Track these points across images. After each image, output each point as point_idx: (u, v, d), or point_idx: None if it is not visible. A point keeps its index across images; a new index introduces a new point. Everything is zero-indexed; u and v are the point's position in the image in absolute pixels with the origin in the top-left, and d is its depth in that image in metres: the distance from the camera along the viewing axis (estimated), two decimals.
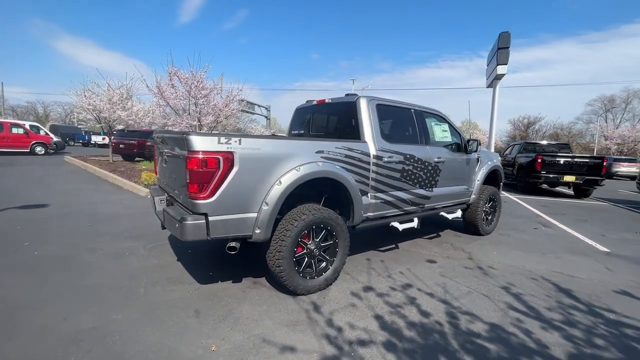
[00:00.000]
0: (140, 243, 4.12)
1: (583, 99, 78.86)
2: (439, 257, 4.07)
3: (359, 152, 3.20)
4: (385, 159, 3.41)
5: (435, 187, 4.08)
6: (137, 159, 16.27)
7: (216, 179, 2.36)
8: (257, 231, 2.58)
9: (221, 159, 2.35)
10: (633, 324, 2.63)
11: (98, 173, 10.79)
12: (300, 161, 2.75)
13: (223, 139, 2.38)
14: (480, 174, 4.85)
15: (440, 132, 4.36)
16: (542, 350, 2.23)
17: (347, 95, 3.74)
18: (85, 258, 3.55)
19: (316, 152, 2.89)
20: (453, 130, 4.53)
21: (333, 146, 3.02)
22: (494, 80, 23.09)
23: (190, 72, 10.56)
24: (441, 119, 4.42)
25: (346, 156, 3.10)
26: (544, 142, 14.27)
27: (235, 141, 2.42)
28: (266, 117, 32.26)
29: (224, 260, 3.72)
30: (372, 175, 3.32)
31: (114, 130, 14.00)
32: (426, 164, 3.88)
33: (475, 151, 4.62)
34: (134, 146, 16.17)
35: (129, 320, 2.40)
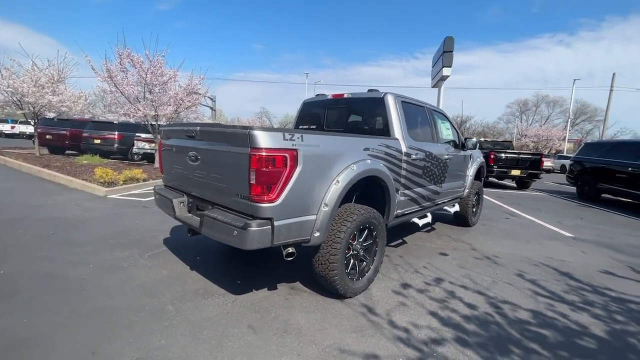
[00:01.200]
0: (133, 251, 3.56)
1: (504, 102, 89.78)
2: (447, 249, 4.27)
3: (394, 149, 3.17)
4: (413, 156, 3.43)
5: (444, 182, 4.25)
6: (67, 151, 14.13)
7: (283, 179, 2.11)
8: (316, 234, 2.39)
9: (288, 157, 2.11)
10: (632, 299, 3.06)
11: (25, 169, 9.10)
12: (353, 159, 2.62)
13: (287, 135, 2.14)
14: (472, 170, 5.19)
15: (445, 130, 4.55)
16: (585, 331, 2.47)
17: (369, 90, 3.67)
18: (73, 274, 2.95)
19: (364, 150, 2.78)
20: (452, 127, 4.76)
21: (376, 143, 2.93)
22: (439, 81, 25.15)
23: (146, 55, 9.41)
24: (444, 117, 4.61)
25: (385, 153, 3.04)
26: (489, 140, 15.76)
27: (298, 137, 2.20)
28: (211, 108, 30.46)
29: (241, 265, 3.41)
30: (402, 172, 3.32)
31: (39, 119, 11.86)
32: (439, 160, 4.02)
33: (472, 149, 4.92)
34: (64, 137, 14.02)
35: (178, 345, 2.05)
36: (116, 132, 13.63)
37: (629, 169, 7.90)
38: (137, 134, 12.84)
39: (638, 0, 73.17)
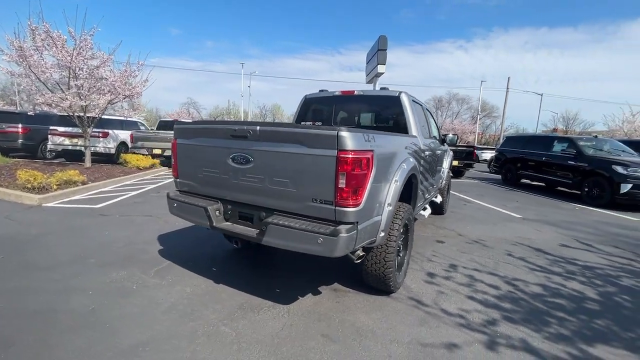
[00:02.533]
0: (132, 270, 3.03)
1: (420, 98, 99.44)
2: (440, 237, 4.66)
3: (417, 146, 3.31)
4: (426, 152, 3.64)
5: (435, 175, 4.61)
6: None
7: (367, 181, 2.05)
8: (381, 234, 2.39)
9: (369, 158, 2.05)
10: (595, 266, 3.80)
11: None
12: (402, 157, 2.66)
13: (366, 136, 2.08)
14: (448, 163, 5.71)
15: (433, 126, 4.90)
16: (584, 295, 3.00)
17: (381, 88, 3.74)
18: (75, 305, 2.39)
19: (405, 148, 2.85)
20: (435, 123, 5.15)
21: (409, 141, 3.03)
22: (374, 77, 26.68)
23: (70, 33, 7.84)
24: (430, 113, 4.96)
25: (414, 151, 3.16)
26: None
27: (372, 138, 2.15)
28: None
29: (262, 271, 3.21)
30: (420, 168, 3.50)
31: None
32: (435, 155, 4.33)
33: (449, 143, 5.40)
34: None
35: None
36: (20, 125, 11.16)
37: (543, 158, 9.62)
38: (51, 128, 10.69)
39: (516, 16, 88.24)
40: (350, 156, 1.93)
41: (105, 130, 10.95)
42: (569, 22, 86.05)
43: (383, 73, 26.97)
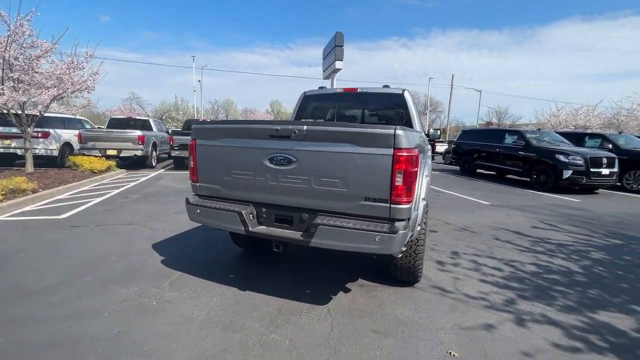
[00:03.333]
0: (141, 285, 2.76)
1: None
2: (430, 226, 4.93)
3: (424, 141, 3.47)
4: (427, 147, 3.82)
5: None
6: None
7: (417, 178, 2.10)
8: (417, 228, 2.48)
9: (418, 155, 2.11)
10: (566, 243, 4.35)
11: None
12: (425, 152, 2.77)
13: (415, 133, 2.13)
14: (430, 156, 6.04)
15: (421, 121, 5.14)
16: (570, 270, 3.43)
17: (384, 86, 3.82)
18: (96, 330, 2.12)
19: (424, 143, 2.96)
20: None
21: (419, 136, 3.15)
22: (331, 73, 26.98)
23: (2, 18, 6.70)
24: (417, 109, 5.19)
25: (425, 145, 3.31)
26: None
27: (413, 136, 2.21)
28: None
29: (279, 272, 3.15)
30: (429, 161, 3.67)
31: None
32: (428, 148, 4.56)
33: (433, 137, 5.71)
34: None
35: None
36: None
37: (496, 149, 10.64)
38: None
39: (451, 18, 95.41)
40: (405, 154, 1.97)
41: (46, 130, 9.61)
42: (495, 26, 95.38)
43: (341, 69, 27.44)
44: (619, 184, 9.17)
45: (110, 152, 9.99)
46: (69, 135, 10.58)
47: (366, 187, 2.07)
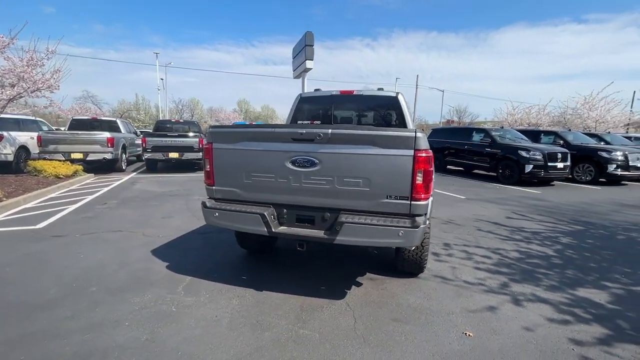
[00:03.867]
0: (154, 292, 2.72)
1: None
2: None
3: None
4: None
5: None
6: None
7: (433, 176, 2.29)
8: (427, 222, 2.67)
9: (432, 155, 2.30)
10: (539, 231, 4.83)
11: None
12: None
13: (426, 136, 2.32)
14: None
15: None
16: (546, 254, 3.84)
17: (378, 89, 4.01)
18: (118, 341, 2.08)
19: None
20: None
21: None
22: (302, 72, 27.07)
23: None
24: None
25: None
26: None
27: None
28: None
29: (288, 270, 3.23)
30: None
31: None
32: None
33: None
34: None
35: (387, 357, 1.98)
36: None
37: (465, 146, 11.36)
38: None
39: (411, 20, 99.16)
40: (424, 155, 2.15)
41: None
42: (452, 29, 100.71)
43: (311, 69, 27.56)
44: (570, 176, 10.20)
45: (75, 156, 9.32)
46: (25, 138, 9.72)
47: (388, 185, 2.22)
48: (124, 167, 10.69)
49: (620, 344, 2.18)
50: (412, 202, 2.22)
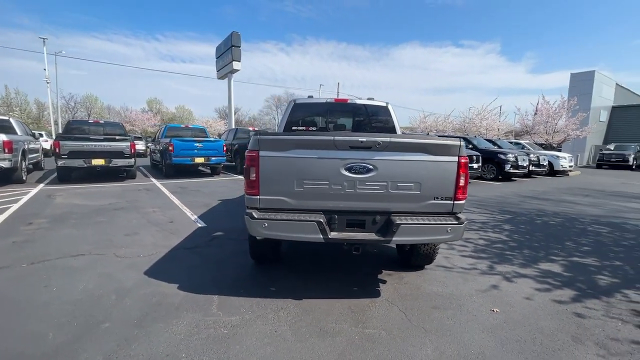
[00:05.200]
0: (187, 316, 2.44)
1: (263, 96, 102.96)
2: None
3: None
4: None
5: None
6: None
7: None
8: None
9: None
10: (485, 221, 5.81)
11: None
12: None
13: None
14: None
15: None
16: (500, 239, 4.70)
17: (368, 99, 4.30)
18: None
19: None
20: None
21: None
22: (228, 73, 25.99)
23: None
24: None
25: None
26: (249, 129, 15.01)
27: None
28: None
29: (310, 276, 3.28)
30: None
31: None
32: None
33: None
34: None
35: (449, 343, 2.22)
36: None
37: None
38: None
39: (323, 30, 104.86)
40: (464, 160, 2.50)
41: None
42: (358, 42, 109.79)
43: (239, 70, 26.72)
44: (479, 174, 12.40)
45: None
46: None
47: (436, 188, 2.50)
48: (24, 178, 8.65)
49: (589, 300, 2.90)
50: (455, 202, 2.55)
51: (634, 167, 20.64)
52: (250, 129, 15.20)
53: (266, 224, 2.43)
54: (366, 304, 2.72)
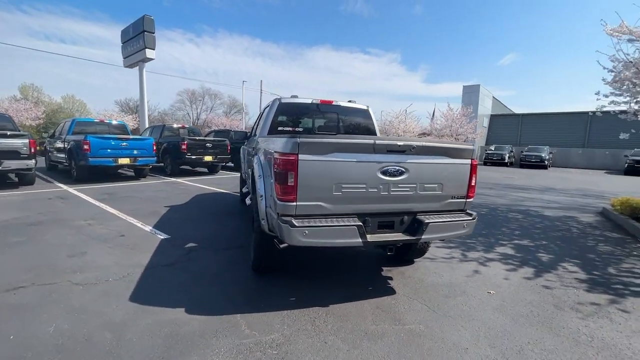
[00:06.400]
0: (226, 344, 2.16)
1: (171, 89, 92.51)
2: None
3: None
4: None
5: None
6: None
7: None
8: None
9: None
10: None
11: None
12: None
13: None
14: None
15: None
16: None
17: (349, 101, 4.39)
18: None
19: None
20: None
21: None
22: (139, 62, 22.95)
23: None
24: None
25: None
26: (177, 126, 13.68)
27: None
28: None
29: (318, 281, 3.26)
30: None
31: None
32: None
33: None
34: None
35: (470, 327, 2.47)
36: None
37: None
38: None
39: (236, 23, 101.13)
40: (475, 163, 2.81)
41: None
42: (273, 40, 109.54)
43: (153, 59, 23.98)
44: None
45: None
46: None
47: (454, 188, 2.74)
48: None
49: (545, 274, 3.58)
50: (467, 200, 2.85)
51: (508, 164, 25.89)
52: (179, 126, 13.72)
53: (307, 232, 2.30)
54: (390, 302, 2.82)
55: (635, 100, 5.25)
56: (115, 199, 6.80)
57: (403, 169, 2.56)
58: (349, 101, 4.58)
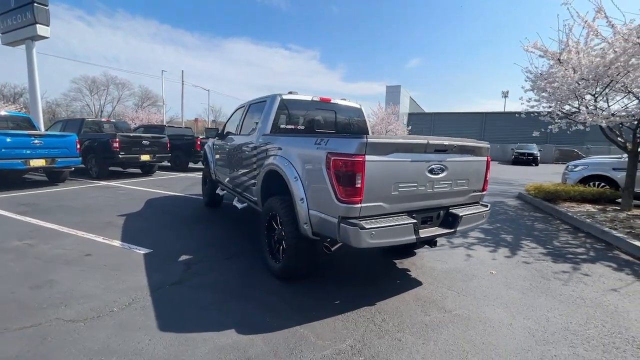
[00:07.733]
0: (305, 357, 2.01)
1: (59, 74, 76.79)
2: None
3: None
4: None
5: None
6: None
7: None
8: None
9: None
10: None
11: None
12: None
13: None
14: None
15: None
16: None
17: (342, 99, 4.41)
18: None
19: None
20: None
21: None
22: (26, 39, 18.82)
23: None
24: None
25: None
26: (101, 120, 11.81)
27: None
28: None
29: (337, 281, 3.29)
30: None
31: None
32: None
33: None
34: None
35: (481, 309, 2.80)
36: None
37: None
38: None
39: (144, 4, 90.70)
40: (489, 159, 3.16)
41: None
42: (186, 27, 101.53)
43: (47, 37, 20.43)
44: None
45: None
46: None
47: (475, 183, 3.03)
48: None
49: (518, 251, 4.24)
50: (482, 193, 3.18)
51: None
52: (104, 120, 11.66)
53: (373, 233, 2.28)
54: (424, 293, 3.00)
55: (557, 106, 6.53)
56: (41, 210, 5.50)
57: (444, 167, 2.74)
58: (342, 99, 4.61)
